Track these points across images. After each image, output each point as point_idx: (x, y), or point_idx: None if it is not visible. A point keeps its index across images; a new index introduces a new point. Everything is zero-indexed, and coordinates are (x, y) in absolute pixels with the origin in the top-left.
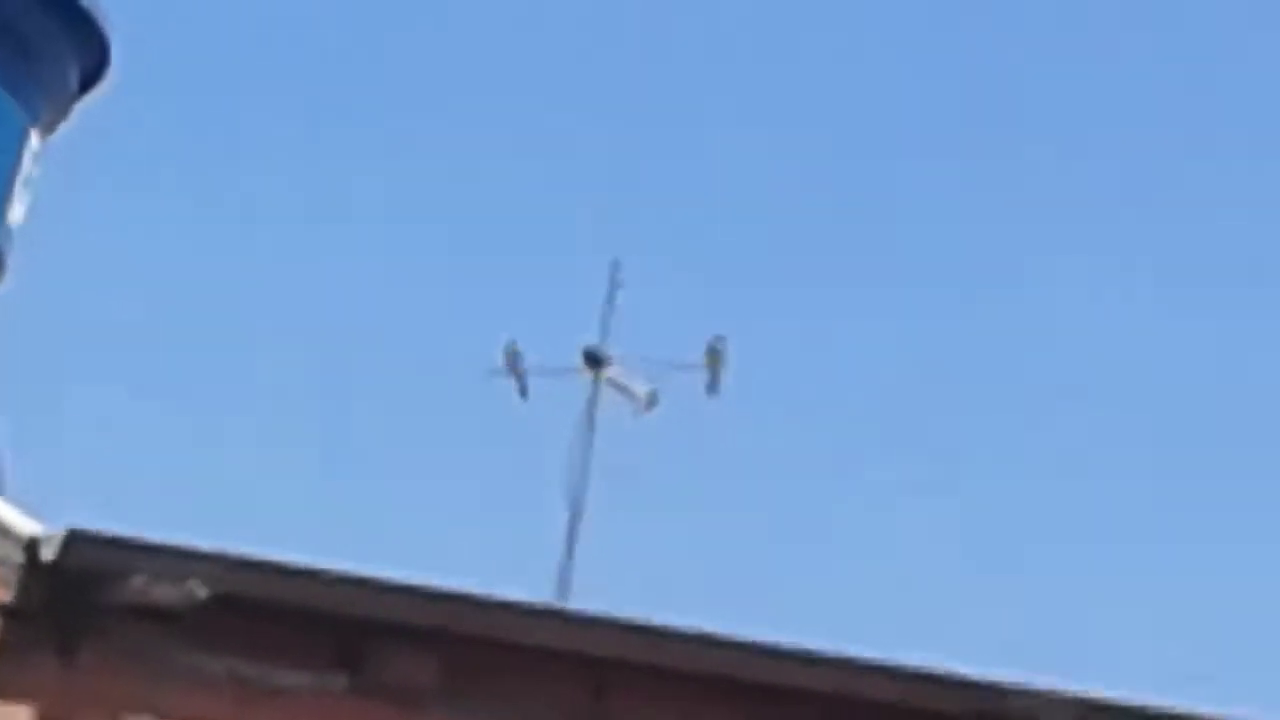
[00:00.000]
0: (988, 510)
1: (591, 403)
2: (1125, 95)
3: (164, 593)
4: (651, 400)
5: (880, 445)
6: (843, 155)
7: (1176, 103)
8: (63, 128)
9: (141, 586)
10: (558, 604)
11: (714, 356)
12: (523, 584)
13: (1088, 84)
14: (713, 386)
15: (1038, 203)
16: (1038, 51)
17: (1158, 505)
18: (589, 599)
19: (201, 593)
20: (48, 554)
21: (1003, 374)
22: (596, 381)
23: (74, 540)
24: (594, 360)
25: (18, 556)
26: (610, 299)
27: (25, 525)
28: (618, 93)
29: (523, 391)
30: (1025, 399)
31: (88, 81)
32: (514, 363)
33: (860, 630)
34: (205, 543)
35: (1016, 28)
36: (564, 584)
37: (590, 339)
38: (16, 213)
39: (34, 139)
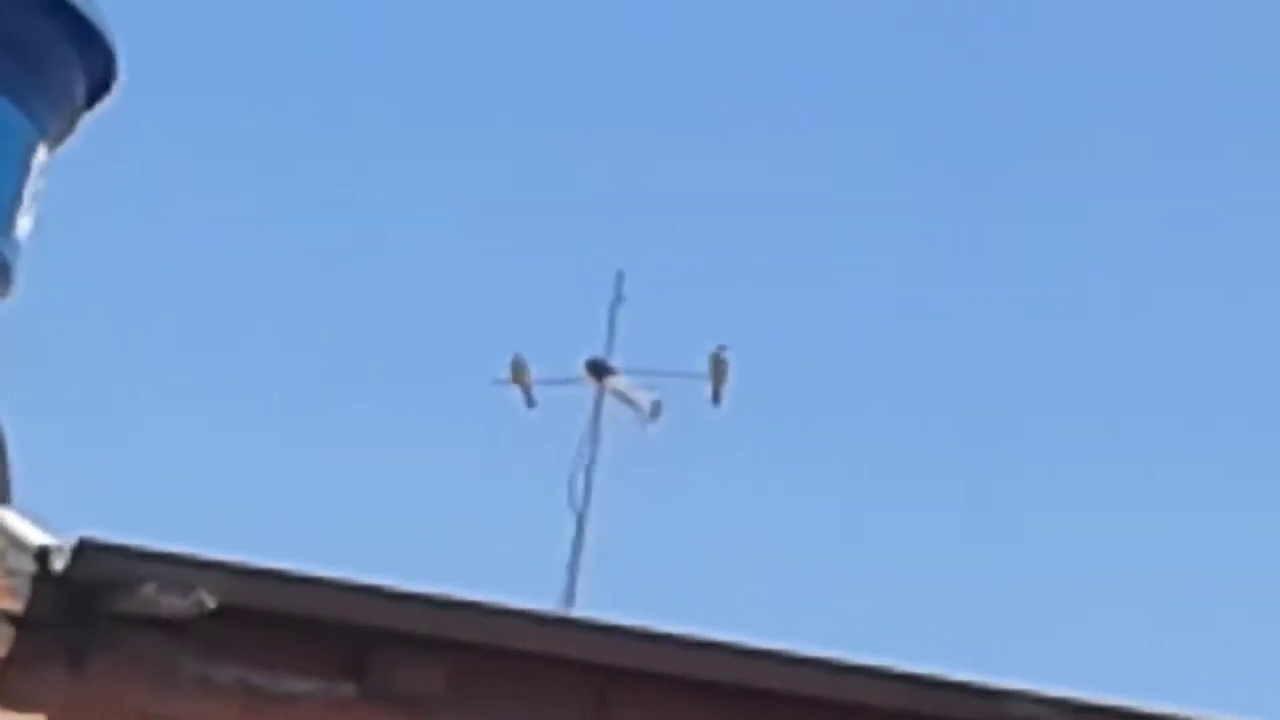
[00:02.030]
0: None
1: (596, 413)
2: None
3: (173, 602)
4: (655, 410)
5: (885, 455)
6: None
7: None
8: (70, 140)
9: (151, 596)
10: (563, 612)
11: (717, 366)
12: (529, 592)
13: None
14: (716, 397)
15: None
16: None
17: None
18: (594, 607)
19: (210, 602)
20: (58, 564)
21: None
22: (600, 392)
23: (84, 550)
24: (598, 371)
25: (28, 566)
26: (614, 310)
27: (35, 535)
28: (621, 102)
29: (529, 402)
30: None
31: (95, 93)
32: (520, 373)
33: (865, 637)
34: (214, 552)
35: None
36: (569, 592)
37: (595, 350)
38: (24, 226)
39: (41, 152)
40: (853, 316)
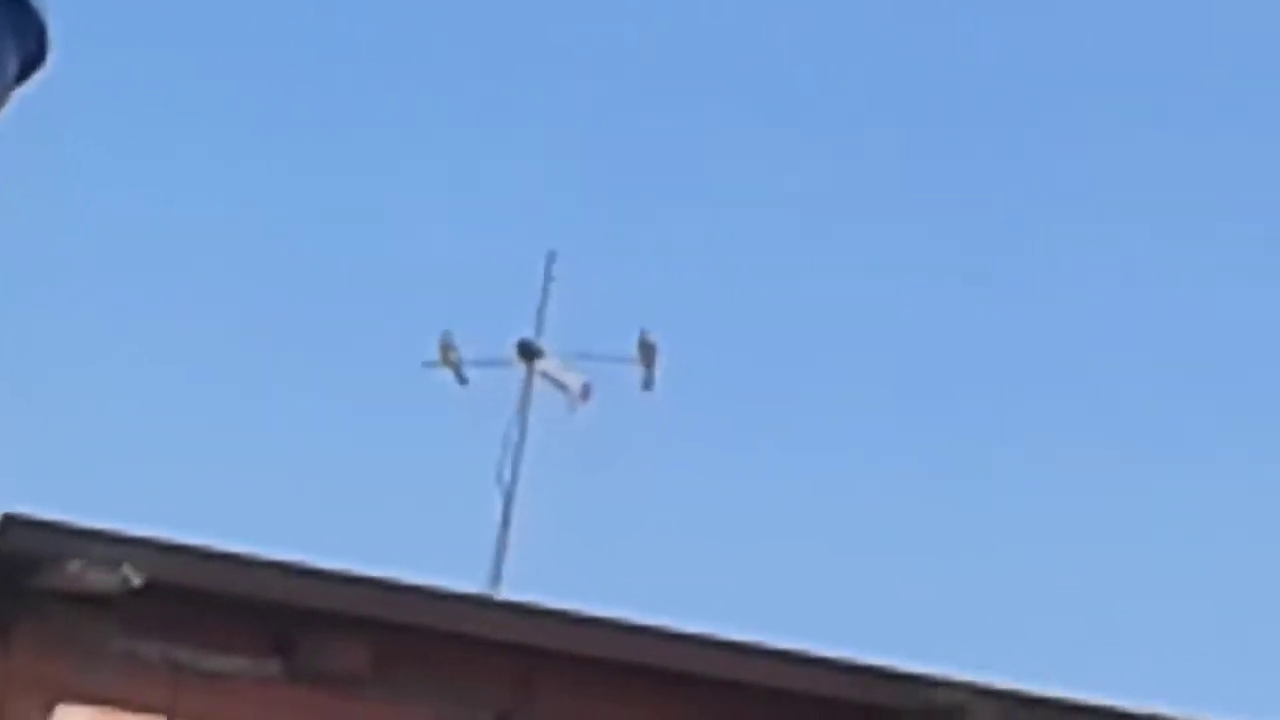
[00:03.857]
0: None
1: (525, 395)
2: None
3: (99, 578)
4: (585, 393)
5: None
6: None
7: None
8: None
9: (76, 572)
10: (489, 594)
11: (646, 351)
12: (455, 573)
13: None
14: (648, 383)
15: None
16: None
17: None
18: (520, 589)
19: (136, 579)
20: None
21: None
22: (530, 374)
23: (8, 525)
24: (528, 352)
25: None
26: (545, 290)
27: None
28: (554, 83)
29: (461, 380)
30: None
31: (26, 68)
32: (449, 354)
33: (792, 622)
34: (140, 529)
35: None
36: (495, 574)
37: (525, 331)
38: None
39: None
40: (790, 300)
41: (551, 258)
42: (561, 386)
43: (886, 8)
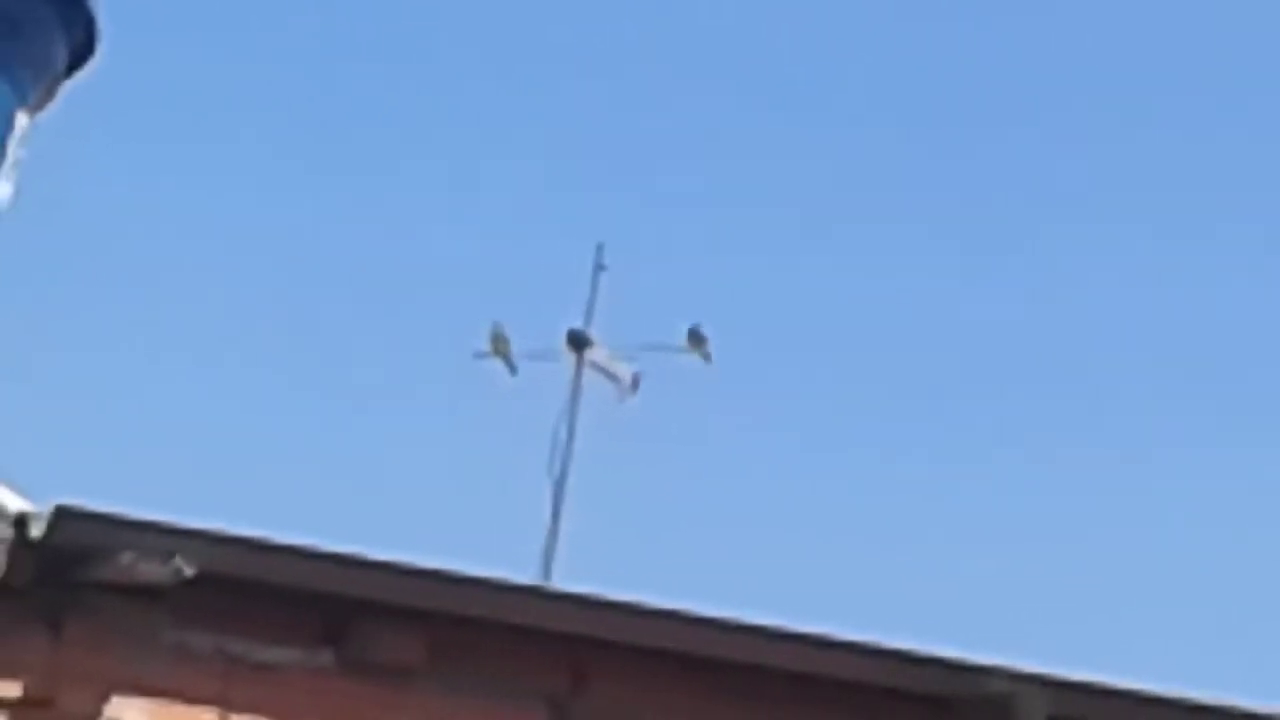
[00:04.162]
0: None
1: (575, 385)
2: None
3: (151, 569)
4: (635, 383)
5: (863, 426)
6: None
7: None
8: (50, 108)
9: (129, 563)
10: (540, 584)
11: (697, 340)
12: (507, 563)
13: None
14: (698, 368)
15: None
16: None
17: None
18: (571, 579)
19: (188, 570)
20: (36, 531)
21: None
22: (580, 364)
23: (61, 517)
24: (578, 343)
25: (6, 533)
26: (595, 281)
27: (13, 502)
28: (604, 75)
29: (512, 369)
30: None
31: (76, 61)
32: (500, 345)
33: (848, 611)
34: (192, 520)
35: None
36: (546, 563)
37: (576, 321)
38: (3, 192)
39: (21, 119)
40: (838, 292)
41: (600, 249)
42: (611, 377)
43: (886, 8)
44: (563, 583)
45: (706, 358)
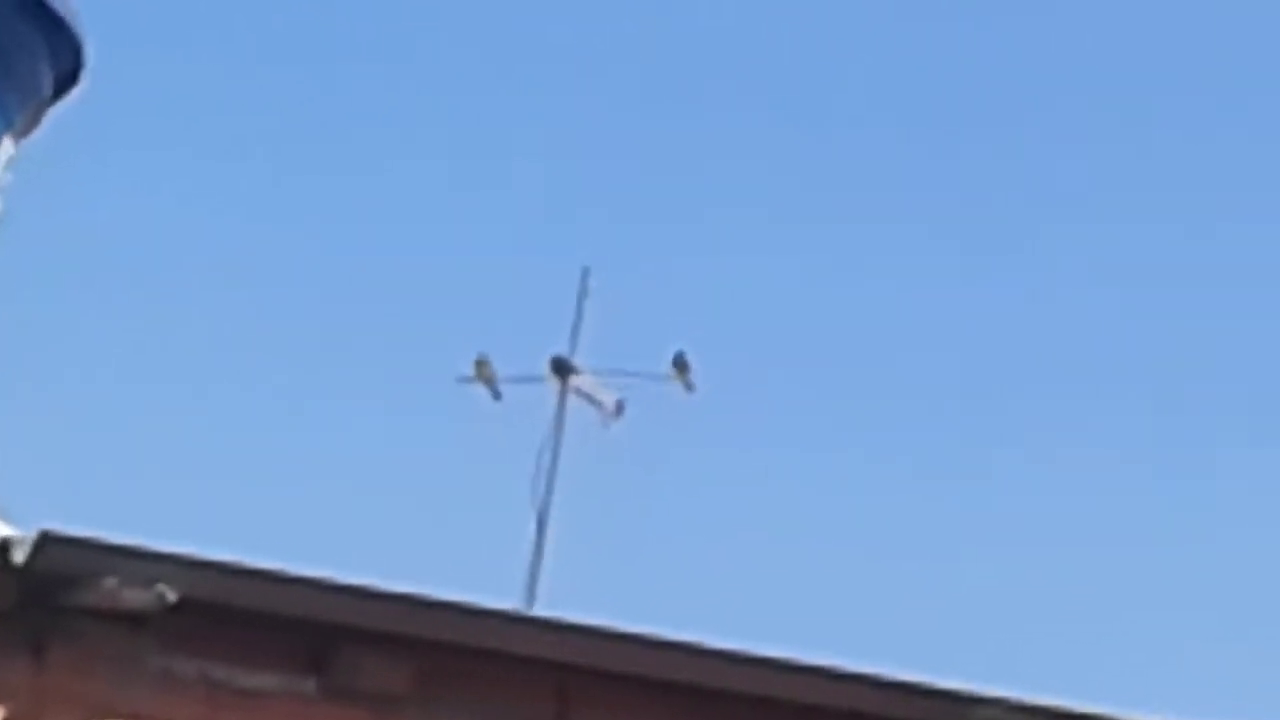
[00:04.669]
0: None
1: (559, 412)
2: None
3: (134, 596)
4: (618, 409)
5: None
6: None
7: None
8: (35, 133)
9: (113, 589)
10: (525, 611)
11: (681, 367)
12: (490, 590)
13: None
14: (681, 396)
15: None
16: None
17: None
18: (555, 606)
19: (171, 596)
20: (20, 556)
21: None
22: (564, 390)
23: (46, 542)
24: (562, 369)
25: None
26: (580, 307)
27: None
28: (590, 100)
29: (496, 395)
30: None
31: (62, 86)
32: (484, 371)
33: (831, 637)
34: (175, 546)
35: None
36: (530, 591)
37: (560, 347)
38: None
39: (7, 144)
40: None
41: (586, 274)
42: (595, 402)
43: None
44: (547, 608)
45: (690, 386)
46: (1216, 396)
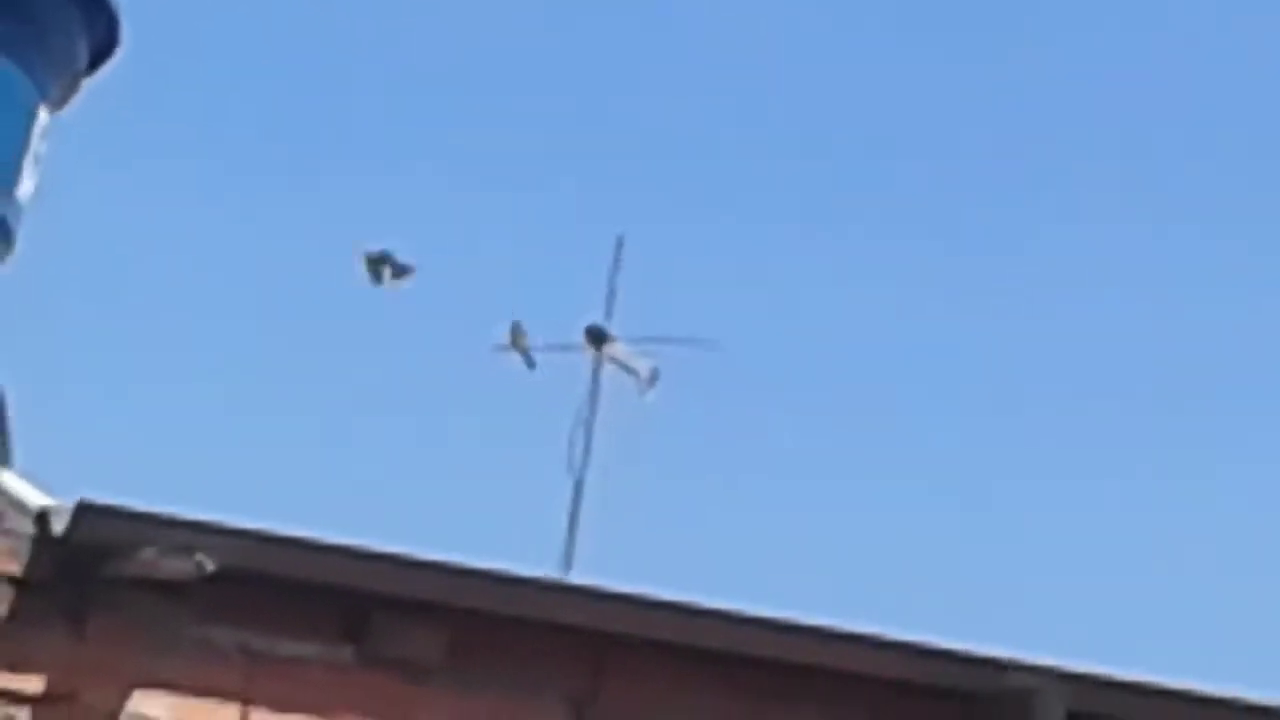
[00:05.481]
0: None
1: (594, 380)
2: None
3: (173, 565)
4: (653, 378)
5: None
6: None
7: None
8: (71, 104)
9: (151, 559)
10: (561, 578)
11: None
12: (526, 558)
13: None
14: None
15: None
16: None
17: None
18: (591, 573)
19: (210, 565)
20: (58, 526)
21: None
22: (599, 359)
23: (83, 512)
24: (596, 338)
25: (28, 529)
26: (614, 275)
27: (35, 497)
28: (624, 67)
29: (530, 364)
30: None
31: (98, 57)
32: (519, 339)
33: (865, 604)
34: (214, 515)
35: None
36: (566, 558)
37: (595, 316)
38: (26, 188)
39: (43, 115)
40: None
41: (620, 243)
42: (630, 371)
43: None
44: (583, 576)
45: (718, 351)
46: (1217, 398)
